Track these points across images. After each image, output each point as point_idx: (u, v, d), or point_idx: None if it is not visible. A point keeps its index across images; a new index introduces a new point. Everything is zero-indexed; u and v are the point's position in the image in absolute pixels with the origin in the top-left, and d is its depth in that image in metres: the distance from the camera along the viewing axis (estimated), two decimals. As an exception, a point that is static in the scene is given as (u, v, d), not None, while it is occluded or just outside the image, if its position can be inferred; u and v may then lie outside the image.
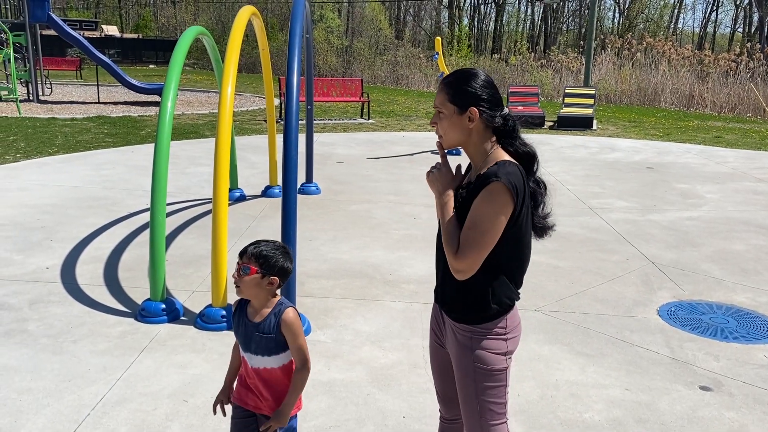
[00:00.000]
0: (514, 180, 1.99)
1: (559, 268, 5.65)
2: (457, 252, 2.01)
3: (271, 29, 41.42)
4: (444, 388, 2.41)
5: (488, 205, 1.98)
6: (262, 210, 7.44)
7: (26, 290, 4.88)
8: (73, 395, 3.43)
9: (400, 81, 32.81)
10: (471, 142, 2.11)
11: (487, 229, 1.98)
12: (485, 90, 2.08)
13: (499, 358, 2.14)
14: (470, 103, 2.06)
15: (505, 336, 2.15)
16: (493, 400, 2.17)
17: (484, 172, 2.03)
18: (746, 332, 4.45)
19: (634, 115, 19.61)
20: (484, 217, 1.98)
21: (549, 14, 49.38)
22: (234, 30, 5.31)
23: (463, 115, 2.08)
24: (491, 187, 1.98)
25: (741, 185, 9.51)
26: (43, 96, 19.90)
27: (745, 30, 46.83)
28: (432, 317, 2.40)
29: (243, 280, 2.25)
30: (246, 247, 2.30)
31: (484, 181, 2.00)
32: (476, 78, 2.09)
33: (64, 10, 57.57)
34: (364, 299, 4.90)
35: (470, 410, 2.18)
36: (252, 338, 2.31)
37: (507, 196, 1.98)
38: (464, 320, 2.14)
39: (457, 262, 2.01)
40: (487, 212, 1.98)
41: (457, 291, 2.13)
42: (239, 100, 20.83)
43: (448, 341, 2.25)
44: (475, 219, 2.00)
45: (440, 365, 2.38)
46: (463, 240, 2.00)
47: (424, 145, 12.79)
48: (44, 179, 8.61)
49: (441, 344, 2.34)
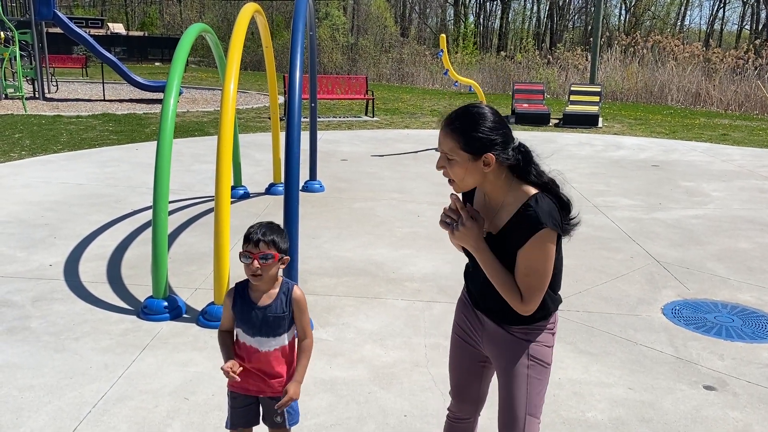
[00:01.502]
0: (555, 217, 2.01)
1: (563, 267, 5.61)
2: (522, 300, 2.04)
3: (276, 27, 41.44)
4: (466, 385, 2.40)
5: (541, 251, 2.00)
6: (266, 207, 7.43)
7: (29, 287, 4.89)
8: (74, 392, 3.43)
9: (406, 78, 32.77)
10: (488, 181, 2.06)
11: (545, 271, 2.03)
12: (496, 132, 2.00)
13: (550, 351, 2.21)
14: (485, 149, 1.98)
15: (552, 330, 2.23)
16: (540, 397, 2.20)
17: (525, 216, 1.99)
18: (751, 331, 4.42)
19: (640, 113, 19.53)
20: (540, 263, 2.01)
21: (555, 11, 49.22)
22: (237, 27, 5.30)
23: (478, 161, 2.00)
24: (541, 234, 1.98)
25: (747, 183, 9.46)
26: (48, 93, 19.96)
27: (753, 27, 46.58)
28: (461, 317, 2.37)
29: (266, 268, 2.31)
30: (254, 235, 2.31)
31: (530, 228, 1.98)
32: (485, 120, 2.00)
33: (70, 7, 57.71)
34: (366, 297, 4.89)
35: (518, 405, 2.17)
36: (264, 321, 2.36)
37: (554, 236, 2.01)
38: (518, 322, 2.17)
39: (524, 307, 2.05)
40: (543, 258, 2.01)
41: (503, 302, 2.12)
42: (244, 98, 20.84)
43: (490, 339, 2.24)
44: (533, 266, 2.01)
45: (467, 362, 2.37)
46: (525, 287, 2.03)
47: (429, 142, 12.76)
48: (49, 176, 8.63)
49: (470, 342, 2.33)
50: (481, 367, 2.37)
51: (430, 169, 9.90)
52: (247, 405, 2.48)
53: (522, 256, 2.01)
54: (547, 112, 16.66)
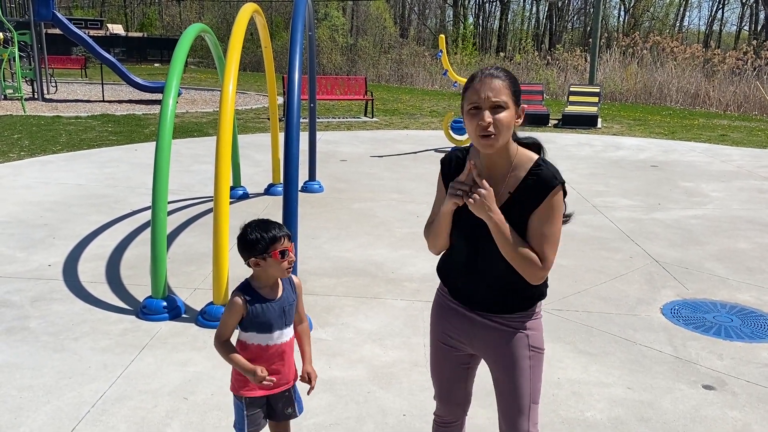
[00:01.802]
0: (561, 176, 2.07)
1: (562, 267, 5.62)
2: (542, 263, 2.04)
3: (276, 27, 41.45)
4: (451, 388, 2.38)
5: (557, 209, 2.04)
6: (265, 208, 7.43)
7: (29, 287, 4.88)
8: (73, 392, 3.43)
9: (405, 79, 32.78)
10: (508, 142, 2.07)
11: (558, 228, 2.06)
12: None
13: (542, 337, 2.25)
14: (520, 101, 2.06)
15: (541, 314, 2.26)
16: (540, 382, 2.23)
17: (538, 176, 2.03)
18: (750, 331, 4.42)
19: (639, 114, 19.54)
20: (557, 222, 2.05)
21: (554, 12, 49.27)
22: (236, 27, 5.30)
23: (518, 111, 2.05)
24: (557, 192, 2.02)
25: (746, 183, 9.46)
26: (47, 94, 19.95)
27: (752, 28, 46.62)
28: (441, 321, 2.32)
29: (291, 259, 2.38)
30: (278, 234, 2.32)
31: (545, 187, 2.01)
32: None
33: (70, 8, 57.68)
34: (366, 297, 4.89)
35: (522, 394, 2.19)
36: (283, 313, 2.39)
37: (563, 195, 2.07)
38: (516, 309, 2.18)
39: (543, 271, 2.06)
40: (557, 216, 2.04)
41: (508, 292, 2.15)
42: (243, 99, 20.84)
43: (483, 337, 2.22)
44: (550, 226, 2.04)
45: (450, 366, 2.34)
46: (543, 249, 2.04)
47: (428, 143, 12.76)
48: (48, 177, 8.63)
49: (454, 346, 2.30)
50: (465, 369, 2.35)
51: (430, 169, 9.90)
52: (261, 407, 2.48)
53: (538, 216, 2.03)
54: (546, 113, 16.67)
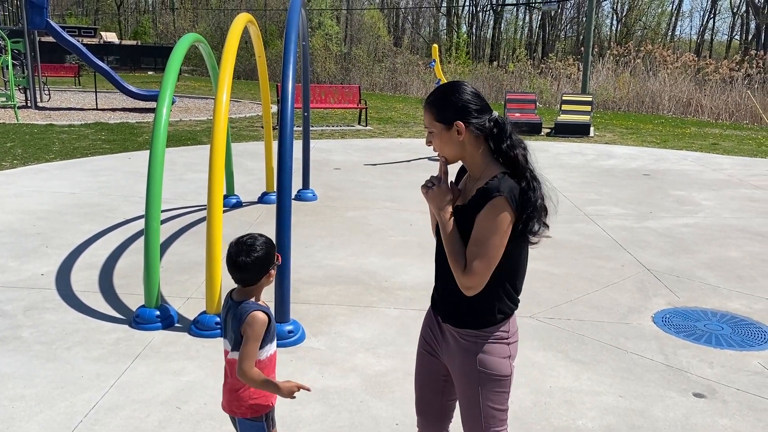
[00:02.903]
0: (515, 194, 2.01)
1: (554, 275, 5.65)
2: (465, 269, 2.03)
3: (270, 36, 41.52)
4: (428, 400, 2.39)
5: (492, 220, 2.00)
6: (258, 216, 7.44)
7: (21, 297, 4.87)
8: (65, 402, 3.43)
9: (399, 88, 32.86)
10: (467, 153, 2.13)
11: (493, 244, 2.01)
12: (467, 101, 2.10)
13: (505, 363, 2.16)
14: (455, 118, 2.08)
15: (507, 340, 2.18)
16: (496, 407, 2.17)
17: (485, 186, 2.03)
18: (741, 339, 4.45)
19: (631, 122, 19.65)
20: (488, 233, 2.00)
21: (547, 21, 49.54)
22: (230, 37, 5.33)
23: (451, 130, 2.10)
24: (494, 202, 2.00)
25: (737, 192, 9.53)
26: (41, 102, 19.91)
27: (743, 37, 47.00)
28: (425, 327, 2.37)
29: None
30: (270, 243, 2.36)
31: (486, 196, 2.01)
32: (456, 92, 2.11)
33: (63, 16, 57.65)
34: (359, 306, 4.90)
35: (473, 417, 2.18)
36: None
37: (509, 210, 2.00)
38: (468, 325, 2.15)
39: (466, 279, 2.03)
40: (491, 227, 2.00)
41: (461, 300, 2.12)
42: (237, 107, 20.86)
43: (447, 349, 2.23)
44: (480, 235, 2.01)
45: (428, 376, 2.37)
46: (470, 257, 2.02)
47: (422, 151, 12.80)
48: (41, 185, 8.61)
49: (433, 354, 2.32)
50: (442, 381, 2.34)
51: (423, 177, 9.89)
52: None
53: (475, 223, 2.04)
54: (539, 122, 16.75)
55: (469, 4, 53.69)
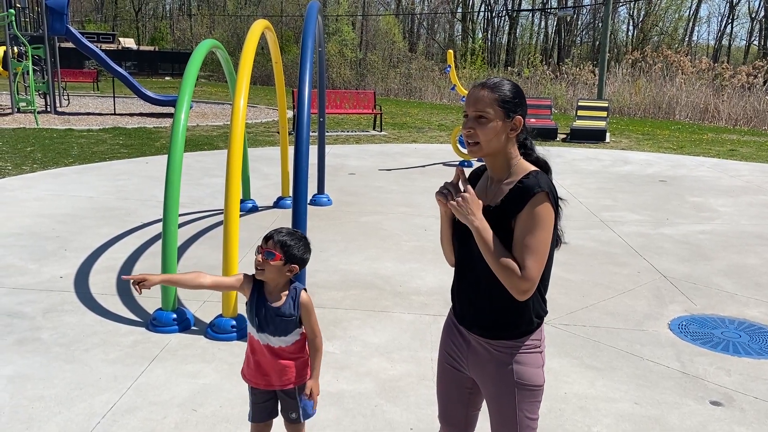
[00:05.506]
0: (553, 190, 2.00)
1: (570, 281, 5.63)
2: (521, 273, 1.94)
3: (286, 42, 41.76)
4: (453, 412, 2.34)
5: (538, 216, 1.94)
6: (274, 221, 7.48)
7: (40, 299, 4.94)
8: (84, 403, 3.47)
9: (413, 93, 32.92)
10: (505, 150, 2.06)
11: (543, 240, 1.95)
12: (523, 100, 2.07)
13: (539, 372, 2.13)
14: (518, 112, 2.04)
15: (540, 348, 2.15)
16: (531, 416, 2.14)
17: (522, 184, 1.98)
18: (758, 347, 4.41)
19: (647, 128, 19.54)
20: (537, 230, 1.94)
21: (563, 27, 49.40)
22: (247, 43, 5.38)
23: (507, 123, 2.03)
24: (538, 198, 1.94)
25: (755, 199, 9.44)
26: (60, 107, 20.18)
27: (761, 43, 46.57)
28: (446, 340, 2.30)
29: (268, 264, 2.40)
30: (271, 233, 2.44)
31: (527, 193, 1.96)
32: (518, 87, 2.07)
33: (83, 23, 58.34)
34: (373, 311, 4.91)
35: (508, 428, 2.14)
36: (271, 321, 2.46)
37: (551, 206, 1.97)
38: (503, 336, 2.09)
39: (523, 282, 1.94)
40: (539, 224, 1.94)
41: (494, 310, 2.08)
42: (253, 112, 20.99)
43: (477, 362, 2.17)
44: (528, 233, 1.94)
45: (453, 389, 2.30)
46: (523, 257, 1.94)
47: (436, 157, 12.81)
48: (60, 189, 8.72)
49: (457, 367, 2.26)
50: (467, 393, 2.29)
51: (438, 183, 9.93)
52: (267, 400, 2.63)
53: (518, 223, 1.96)
54: (554, 127, 16.71)
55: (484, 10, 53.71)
